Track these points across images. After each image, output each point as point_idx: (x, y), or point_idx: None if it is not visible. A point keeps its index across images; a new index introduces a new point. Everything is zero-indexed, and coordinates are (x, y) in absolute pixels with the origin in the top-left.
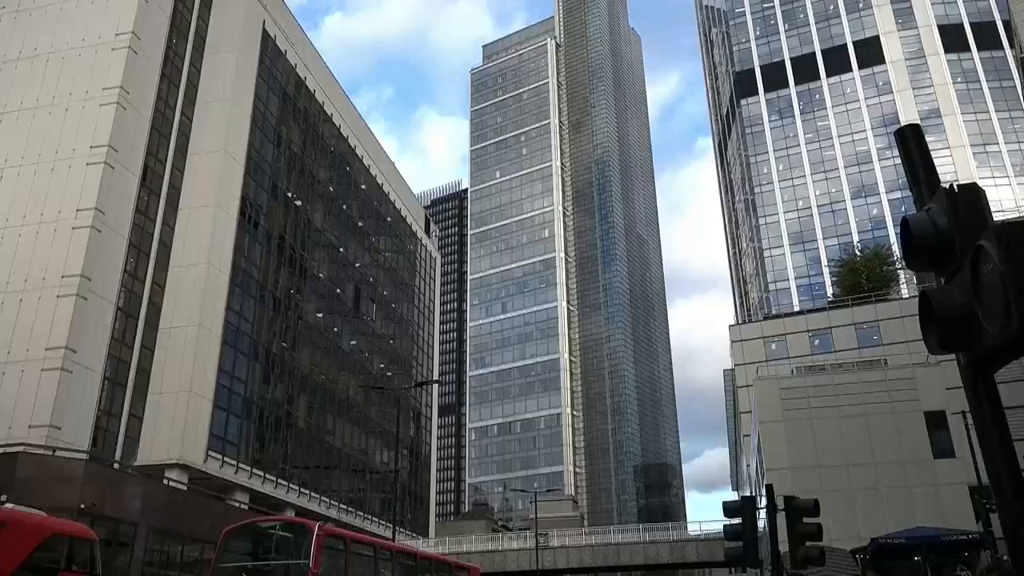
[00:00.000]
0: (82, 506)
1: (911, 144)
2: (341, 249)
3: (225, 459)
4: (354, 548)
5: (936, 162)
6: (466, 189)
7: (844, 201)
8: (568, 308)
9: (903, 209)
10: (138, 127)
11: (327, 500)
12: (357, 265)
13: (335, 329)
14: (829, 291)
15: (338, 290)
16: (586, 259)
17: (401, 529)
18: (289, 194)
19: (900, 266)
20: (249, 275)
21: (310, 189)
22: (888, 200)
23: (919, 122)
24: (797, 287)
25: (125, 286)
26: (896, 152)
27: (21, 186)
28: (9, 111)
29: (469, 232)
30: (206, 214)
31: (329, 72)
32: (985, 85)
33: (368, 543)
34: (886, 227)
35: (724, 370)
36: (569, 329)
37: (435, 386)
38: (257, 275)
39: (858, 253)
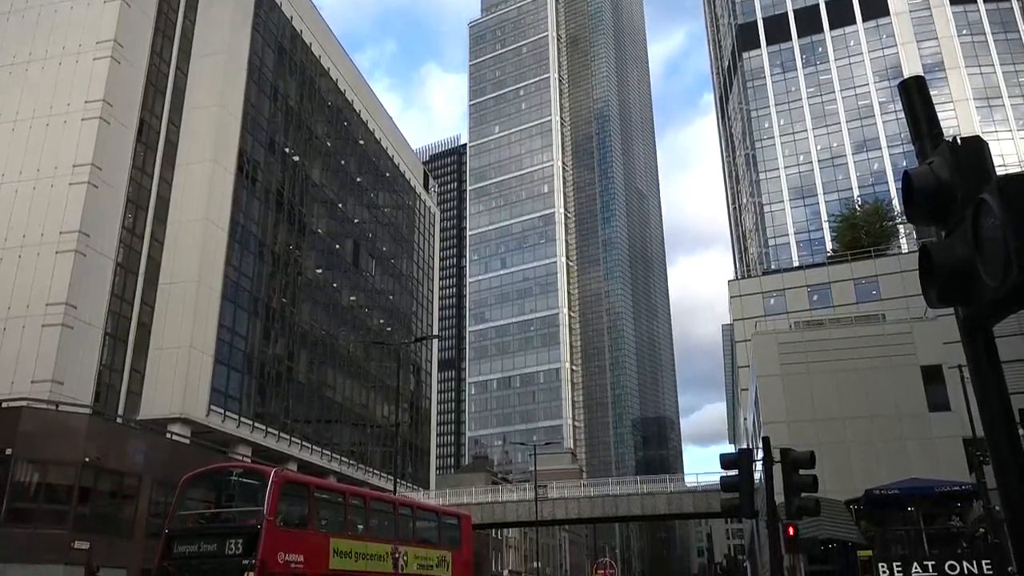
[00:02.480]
0: (86, 459)
1: (915, 96)
2: (340, 205)
3: (227, 413)
4: (319, 495)
5: (939, 116)
6: (465, 144)
7: (845, 155)
8: (567, 263)
9: (905, 163)
10: (133, 81)
11: (328, 453)
12: (356, 221)
13: (334, 285)
14: (828, 246)
15: (337, 246)
16: (585, 214)
17: (402, 481)
18: (286, 149)
19: (900, 221)
20: (248, 231)
21: (307, 144)
22: (890, 154)
23: (923, 75)
24: (796, 242)
25: (124, 242)
26: (899, 105)
27: (16, 142)
28: (1, 66)
29: (468, 187)
30: (203, 169)
31: (326, 25)
32: (991, 38)
33: (337, 490)
34: (887, 182)
35: (723, 325)
36: (568, 284)
37: (435, 341)
38: (256, 231)
39: (858, 208)
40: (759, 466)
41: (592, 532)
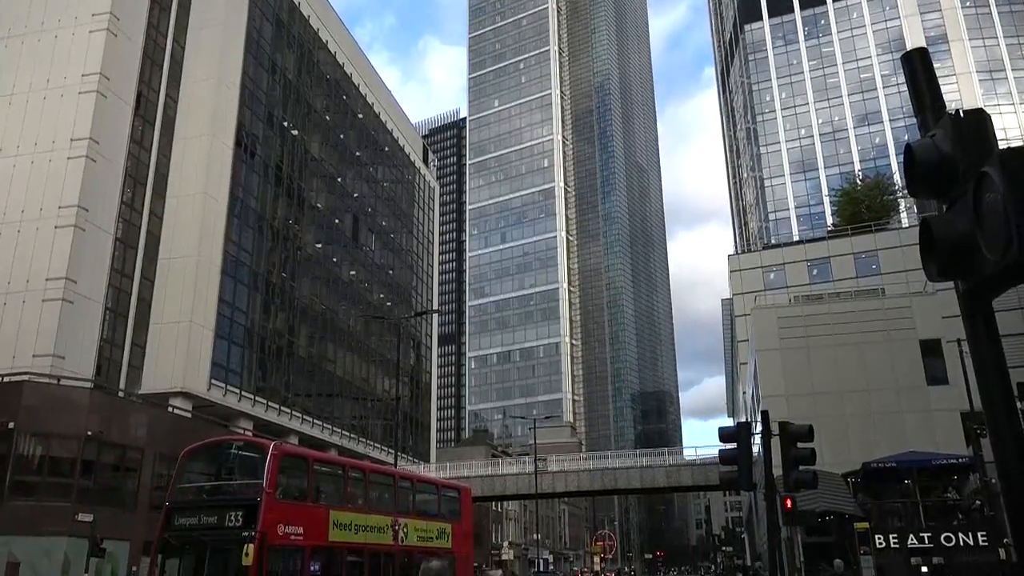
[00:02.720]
0: (89, 433)
1: (918, 68)
2: (339, 179)
3: (228, 387)
4: (318, 468)
5: (942, 89)
6: (465, 118)
7: (847, 129)
8: (567, 238)
9: (907, 136)
10: (130, 54)
11: (330, 427)
12: (355, 195)
13: (334, 259)
14: (829, 220)
15: (336, 220)
16: (585, 189)
17: (403, 455)
18: (285, 123)
19: (901, 195)
20: (247, 205)
21: (306, 118)
22: (891, 127)
23: (926, 47)
24: (797, 217)
25: (123, 216)
26: (901, 78)
27: (14, 115)
28: None
29: (468, 162)
30: (201, 144)
31: None
32: (995, 9)
33: (336, 463)
34: (888, 156)
35: (722, 300)
36: (568, 259)
37: (435, 316)
38: (255, 205)
39: (859, 182)
40: (758, 439)
41: (591, 504)
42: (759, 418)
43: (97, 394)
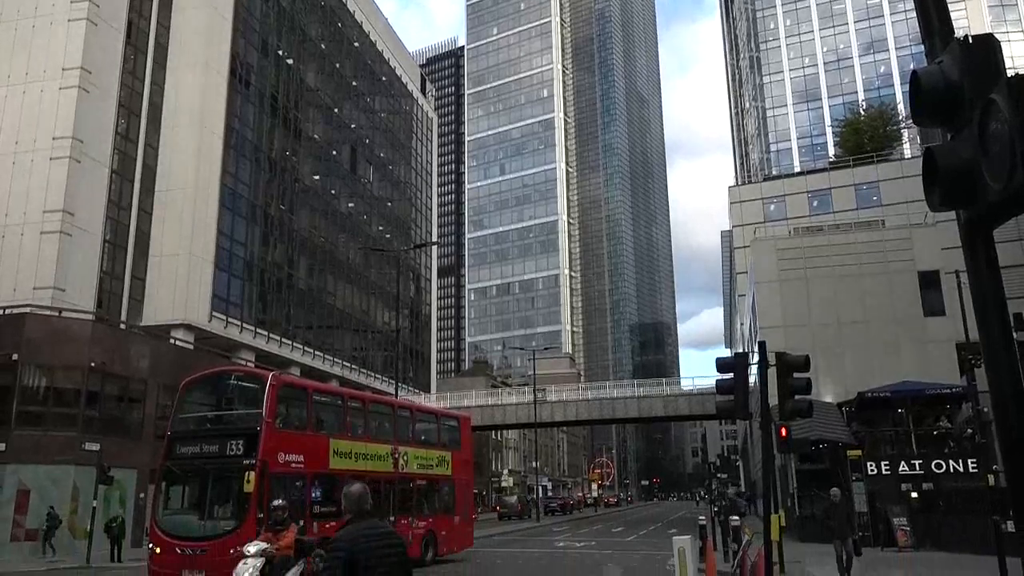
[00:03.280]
0: (92, 364)
1: None
2: (335, 110)
3: (229, 319)
4: (317, 398)
5: (950, 15)
6: (463, 47)
7: (852, 58)
8: (567, 169)
9: (912, 65)
10: None
11: (331, 359)
12: (352, 126)
13: (332, 191)
14: (831, 152)
15: (334, 152)
16: (585, 119)
17: (403, 386)
18: (280, 52)
19: (904, 126)
20: (243, 136)
21: (301, 47)
22: (897, 56)
23: None
24: (799, 147)
25: (118, 148)
26: (909, 4)
27: (3, 45)
28: None
29: (466, 92)
30: (195, 73)
31: None
32: None
33: (335, 393)
34: (893, 85)
35: (722, 231)
36: (567, 190)
37: (434, 248)
38: (251, 136)
39: (862, 112)
40: (755, 370)
41: (590, 433)
42: (756, 349)
43: (99, 326)
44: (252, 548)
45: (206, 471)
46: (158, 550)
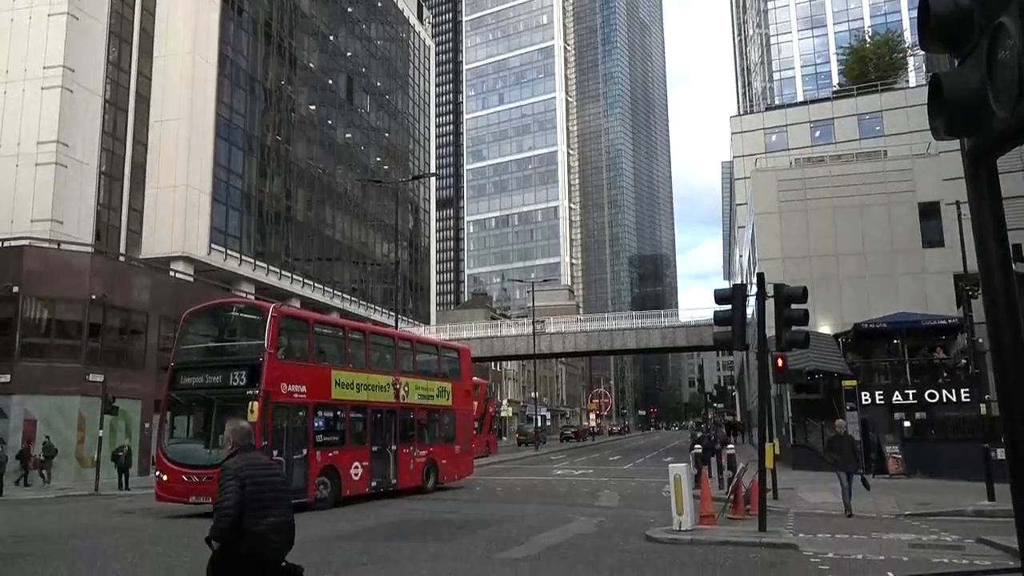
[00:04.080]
0: (92, 296)
1: None
2: (331, 37)
3: (228, 252)
4: (318, 329)
5: None
6: None
7: None
8: (566, 99)
9: None
10: None
11: (331, 291)
12: (348, 55)
13: (329, 122)
14: (835, 81)
15: (330, 81)
16: (586, 47)
17: (403, 317)
18: None
19: (910, 53)
20: (237, 65)
21: None
22: None
23: None
24: (803, 76)
25: (110, 78)
26: None
27: None
28: None
29: (464, 18)
30: None
31: None
32: None
33: (336, 324)
34: (900, 11)
35: (723, 162)
36: (567, 121)
37: (432, 179)
38: (245, 65)
39: (868, 39)
40: (752, 301)
41: (588, 364)
42: (755, 281)
43: (98, 258)
44: None
45: (210, 401)
46: (165, 478)
